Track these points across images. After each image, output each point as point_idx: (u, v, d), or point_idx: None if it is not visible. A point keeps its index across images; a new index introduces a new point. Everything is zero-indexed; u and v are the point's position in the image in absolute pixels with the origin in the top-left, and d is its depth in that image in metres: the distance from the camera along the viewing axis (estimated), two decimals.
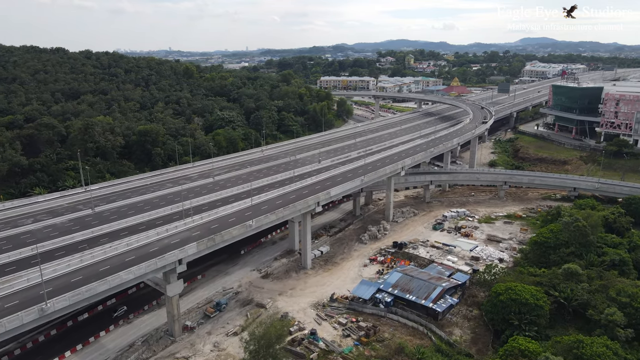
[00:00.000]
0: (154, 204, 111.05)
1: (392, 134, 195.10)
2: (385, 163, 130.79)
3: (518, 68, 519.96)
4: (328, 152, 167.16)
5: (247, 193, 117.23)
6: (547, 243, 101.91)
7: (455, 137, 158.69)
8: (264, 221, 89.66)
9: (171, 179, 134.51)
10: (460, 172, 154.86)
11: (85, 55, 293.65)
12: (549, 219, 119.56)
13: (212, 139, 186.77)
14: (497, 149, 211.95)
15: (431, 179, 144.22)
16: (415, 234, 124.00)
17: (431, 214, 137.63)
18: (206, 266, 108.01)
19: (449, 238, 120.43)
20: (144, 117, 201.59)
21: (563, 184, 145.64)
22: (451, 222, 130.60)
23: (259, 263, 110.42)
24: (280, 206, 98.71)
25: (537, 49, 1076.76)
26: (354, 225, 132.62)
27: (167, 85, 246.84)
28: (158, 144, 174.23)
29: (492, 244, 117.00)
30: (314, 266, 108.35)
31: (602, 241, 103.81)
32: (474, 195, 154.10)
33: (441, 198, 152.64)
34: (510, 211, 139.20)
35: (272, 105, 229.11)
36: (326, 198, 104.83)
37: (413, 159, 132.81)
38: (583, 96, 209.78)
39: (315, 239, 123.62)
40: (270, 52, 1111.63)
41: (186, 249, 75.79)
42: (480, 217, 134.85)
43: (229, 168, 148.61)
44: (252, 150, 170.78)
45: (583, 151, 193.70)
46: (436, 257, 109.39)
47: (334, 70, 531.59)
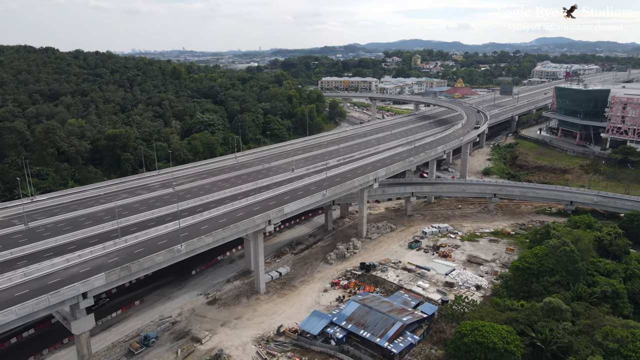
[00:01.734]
0: (97, 218, 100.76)
1: (380, 139, 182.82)
2: (356, 174, 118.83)
3: (528, 68, 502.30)
4: (307, 159, 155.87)
5: (204, 206, 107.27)
6: (530, 269, 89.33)
7: (441, 144, 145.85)
8: (197, 245, 78.61)
9: (128, 189, 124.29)
10: (445, 182, 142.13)
11: (74, 55, 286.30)
12: (538, 239, 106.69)
13: (188, 144, 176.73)
14: (494, 155, 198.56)
15: (412, 191, 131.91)
16: (388, 253, 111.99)
17: (410, 230, 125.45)
18: (148, 290, 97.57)
19: (425, 259, 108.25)
20: (121, 120, 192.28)
21: (558, 197, 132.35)
22: (430, 240, 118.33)
23: (209, 286, 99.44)
24: (224, 225, 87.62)
25: (552, 49, 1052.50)
26: (324, 241, 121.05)
27: (152, 86, 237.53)
28: (128, 149, 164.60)
29: (471, 266, 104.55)
30: (269, 290, 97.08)
31: (594, 268, 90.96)
32: (461, 208, 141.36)
33: (425, 211, 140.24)
34: (499, 227, 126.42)
35: (258, 108, 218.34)
36: (279, 216, 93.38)
37: (388, 169, 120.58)
38: (588, 99, 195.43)
39: (277, 257, 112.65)
40: (281, 52, 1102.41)
41: (91, 281, 64.99)
42: (464, 233, 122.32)
43: (194, 176, 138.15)
44: (226, 157, 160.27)
45: (586, 158, 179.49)
46: (406, 282, 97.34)
47: (338, 71, 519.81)
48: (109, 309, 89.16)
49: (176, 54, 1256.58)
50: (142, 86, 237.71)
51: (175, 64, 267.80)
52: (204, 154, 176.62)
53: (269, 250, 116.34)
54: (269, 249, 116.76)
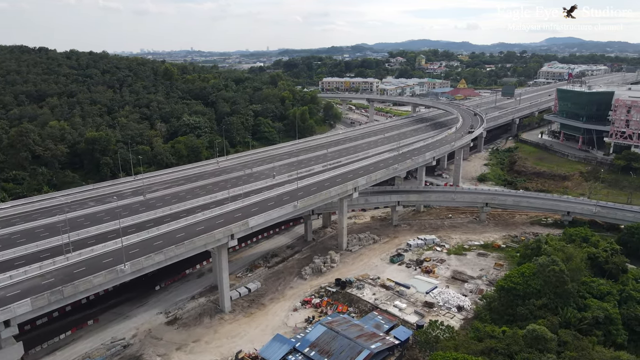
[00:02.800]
0: (55, 229, 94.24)
1: (371, 143, 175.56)
2: (335, 183, 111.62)
3: (534, 69, 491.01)
4: (292, 164, 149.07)
5: (173, 216, 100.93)
6: (515, 290, 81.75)
7: (430, 150, 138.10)
8: (144, 264, 71.89)
9: (97, 197, 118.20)
10: (434, 191, 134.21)
11: (66, 55, 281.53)
12: (528, 254, 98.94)
13: (171, 148, 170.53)
14: (492, 160, 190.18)
15: (398, 199, 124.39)
16: (367, 267, 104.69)
17: (394, 241, 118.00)
18: (105, 307, 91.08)
19: (406, 274, 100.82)
20: (106, 122, 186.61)
21: (554, 207, 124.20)
22: (414, 253, 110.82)
23: (172, 303, 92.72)
24: (183, 239, 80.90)
25: (562, 49, 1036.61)
26: (302, 253, 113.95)
27: (142, 87, 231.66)
28: (108, 153, 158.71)
29: (455, 284, 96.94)
30: (235, 309, 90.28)
31: (587, 289, 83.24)
32: (451, 218, 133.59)
33: (412, 220, 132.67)
34: (489, 239, 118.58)
35: (248, 110, 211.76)
36: (243, 230, 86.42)
37: (369, 178, 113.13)
38: (591, 102, 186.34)
39: (250, 271, 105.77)
40: (288, 52, 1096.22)
41: (13, 308, 58.48)
42: (452, 246, 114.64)
43: (171, 183, 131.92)
44: (208, 162, 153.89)
45: (588, 164, 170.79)
46: (382, 302, 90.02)
47: (340, 71, 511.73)
48: (57, 329, 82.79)
49: (184, 54, 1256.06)
50: (132, 87, 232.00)
51: (167, 65, 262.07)
52: (188, 158, 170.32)
53: (241, 263, 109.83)
54: (242, 262, 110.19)
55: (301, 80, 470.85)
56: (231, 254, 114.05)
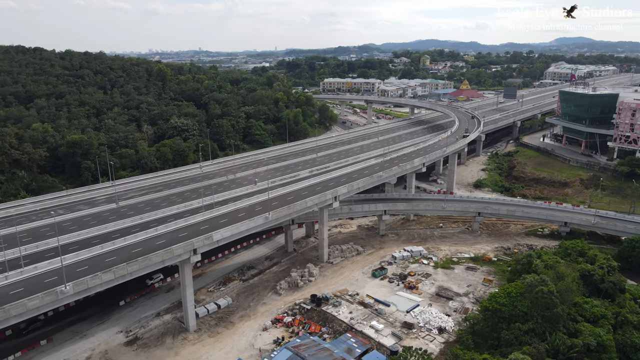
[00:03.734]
0: (13, 241, 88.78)
1: (364, 147, 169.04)
2: (314, 191, 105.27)
3: (540, 69, 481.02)
4: (278, 169, 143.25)
5: (142, 225, 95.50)
6: (500, 312, 75.27)
7: (420, 156, 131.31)
8: (90, 283, 65.88)
9: (68, 204, 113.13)
10: (423, 199, 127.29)
11: (61, 55, 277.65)
12: (518, 270, 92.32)
13: (156, 151, 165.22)
14: (490, 165, 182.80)
15: (384, 208, 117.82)
16: (347, 282, 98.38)
17: (379, 253, 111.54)
18: (63, 325, 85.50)
19: (387, 290, 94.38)
20: (92, 125, 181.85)
21: (550, 218, 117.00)
22: (399, 266, 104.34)
23: (135, 320, 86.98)
24: (140, 254, 75.13)
25: (572, 49, 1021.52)
26: (280, 265, 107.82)
27: (133, 88, 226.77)
28: (90, 156, 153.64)
29: (439, 301, 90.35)
30: (201, 327, 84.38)
31: (579, 311, 76.42)
32: (442, 227, 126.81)
33: (401, 230, 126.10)
34: (480, 251, 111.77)
35: (240, 112, 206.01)
36: (207, 244, 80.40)
37: (350, 186, 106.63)
38: (594, 104, 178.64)
39: (223, 284, 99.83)
40: (294, 52, 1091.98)
41: None
42: (440, 258, 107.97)
43: (149, 189, 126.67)
44: (190, 167, 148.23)
45: (590, 170, 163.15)
46: (358, 321, 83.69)
47: (343, 72, 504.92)
48: (7, 349, 77.36)
49: (191, 54, 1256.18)
50: (123, 88, 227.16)
51: (161, 65, 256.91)
52: (173, 162, 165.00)
53: (215, 275, 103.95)
54: (216, 274, 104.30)
55: (303, 81, 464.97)
56: (206, 265, 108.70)
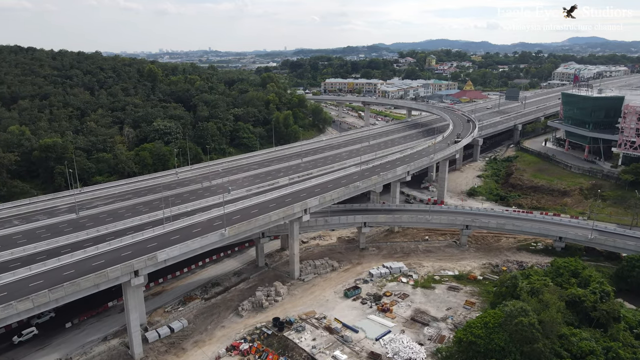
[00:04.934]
0: None
1: (352, 152, 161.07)
2: (283, 203, 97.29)
3: (549, 70, 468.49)
4: (258, 175, 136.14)
5: (97, 239, 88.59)
6: (476, 345, 66.88)
7: (405, 163, 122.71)
8: (1, 314, 58.61)
9: (25, 214, 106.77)
10: (406, 210, 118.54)
11: (52, 55, 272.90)
12: (502, 293, 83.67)
13: (135, 155, 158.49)
14: (487, 171, 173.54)
15: (364, 220, 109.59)
16: (317, 302, 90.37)
17: (356, 269, 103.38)
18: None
19: (358, 313, 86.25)
20: (73, 127, 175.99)
21: (543, 232, 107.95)
22: (375, 285, 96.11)
23: (78, 346, 79.51)
24: (71, 277, 67.83)
25: (584, 49, 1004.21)
26: (248, 282, 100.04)
27: (120, 89, 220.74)
28: (64, 161, 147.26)
29: (414, 327, 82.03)
30: (148, 355, 76.88)
31: (564, 345, 67.69)
32: (428, 240, 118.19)
33: (383, 242, 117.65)
34: (466, 268, 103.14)
35: (228, 114, 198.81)
36: (151, 265, 72.87)
37: (323, 198, 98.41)
38: (598, 108, 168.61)
39: (183, 304, 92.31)
40: (303, 52, 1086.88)
41: None
42: (421, 276, 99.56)
43: (117, 197, 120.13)
44: (166, 172, 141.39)
45: (593, 177, 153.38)
46: (321, 350, 75.69)
47: (346, 72, 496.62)
48: None
49: (200, 54, 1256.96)
50: (111, 89, 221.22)
51: (151, 66, 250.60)
52: (153, 166, 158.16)
53: (176, 293, 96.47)
54: (178, 292, 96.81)
55: (304, 81, 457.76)
56: (169, 281, 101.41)
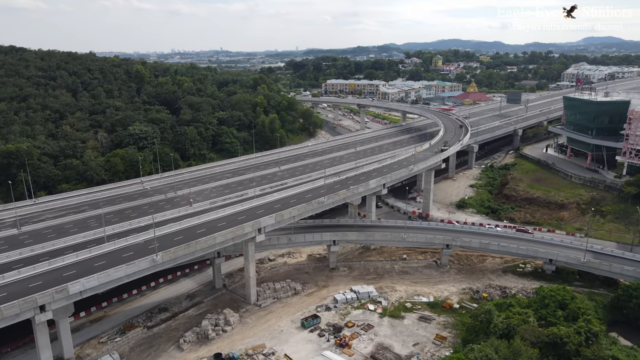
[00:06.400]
0: None
1: (336, 159, 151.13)
2: (234, 222, 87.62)
3: (558, 71, 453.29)
4: (229, 185, 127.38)
5: (27, 260, 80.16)
6: None
7: (380, 175, 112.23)
8: None
9: None
10: (379, 226, 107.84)
11: (41, 55, 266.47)
12: (476, 328, 73.43)
13: (106, 162, 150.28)
14: (482, 180, 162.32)
15: (333, 238, 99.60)
16: (269, 334, 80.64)
17: (321, 293, 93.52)
18: None
19: (313, 348, 76.39)
20: (47, 131, 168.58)
21: (531, 254, 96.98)
22: (338, 313, 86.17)
23: None
24: None
25: (599, 49, 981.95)
26: (199, 307, 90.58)
27: (104, 91, 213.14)
28: (29, 167, 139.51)
29: None
30: None
31: None
32: (406, 259, 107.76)
33: (357, 261, 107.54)
34: (443, 293, 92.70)
35: (212, 118, 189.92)
36: (60, 299, 63.56)
37: (280, 216, 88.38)
38: (602, 113, 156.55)
39: (122, 333, 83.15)
40: (313, 52, 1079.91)
41: None
42: (392, 302, 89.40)
43: (70, 209, 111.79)
44: (131, 182, 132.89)
45: (594, 189, 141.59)
46: None
47: (349, 72, 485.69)
48: None
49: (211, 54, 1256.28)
50: (94, 91, 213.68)
51: (138, 66, 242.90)
52: (125, 173, 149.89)
53: (118, 320, 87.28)
54: (119, 318, 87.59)
55: (305, 82, 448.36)
56: (114, 304, 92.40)
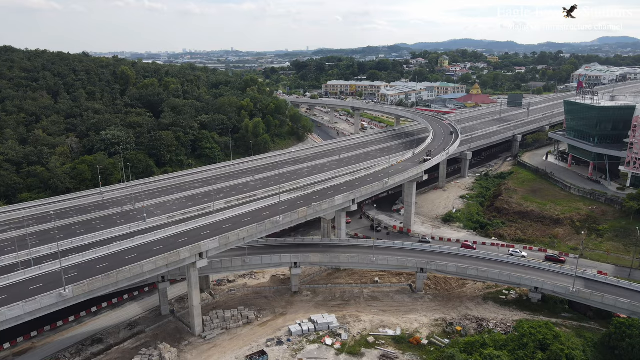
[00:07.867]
0: None
1: (316, 167, 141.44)
2: (168, 246, 78.15)
3: (567, 72, 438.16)
4: (194, 197, 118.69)
5: None
6: None
7: (350, 189, 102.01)
8: None
9: None
10: (346, 245, 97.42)
11: (28, 56, 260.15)
12: None
13: (72, 169, 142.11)
14: (474, 190, 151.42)
15: (294, 260, 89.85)
16: None
17: (276, 323, 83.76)
18: None
19: None
20: (17, 135, 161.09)
21: (514, 280, 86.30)
22: (290, 348, 76.40)
23: None
24: None
25: (614, 49, 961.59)
26: (138, 338, 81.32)
27: (86, 93, 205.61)
28: None
29: None
30: None
31: None
32: (378, 283, 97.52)
33: (323, 284, 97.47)
34: (413, 324, 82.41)
35: (192, 122, 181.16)
36: None
37: (226, 239, 78.33)
38: (604, 119, 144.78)
39: None
40: (323, 51, 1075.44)
41: None
42: (353, 335, 79.40)
43: (15, 224, 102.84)
44: (89, 192, 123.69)
45: (594, 202, 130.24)
46: None
47: (352, 73, 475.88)
48: None
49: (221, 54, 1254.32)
50: (76, 93, 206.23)
51: (125, 67, 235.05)
52: (93, 181, 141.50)
53: (46, 352, 78.43)
54: (48, 351, 78.68)
55: (306, 83, 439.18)
56: (47, 333, 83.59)
